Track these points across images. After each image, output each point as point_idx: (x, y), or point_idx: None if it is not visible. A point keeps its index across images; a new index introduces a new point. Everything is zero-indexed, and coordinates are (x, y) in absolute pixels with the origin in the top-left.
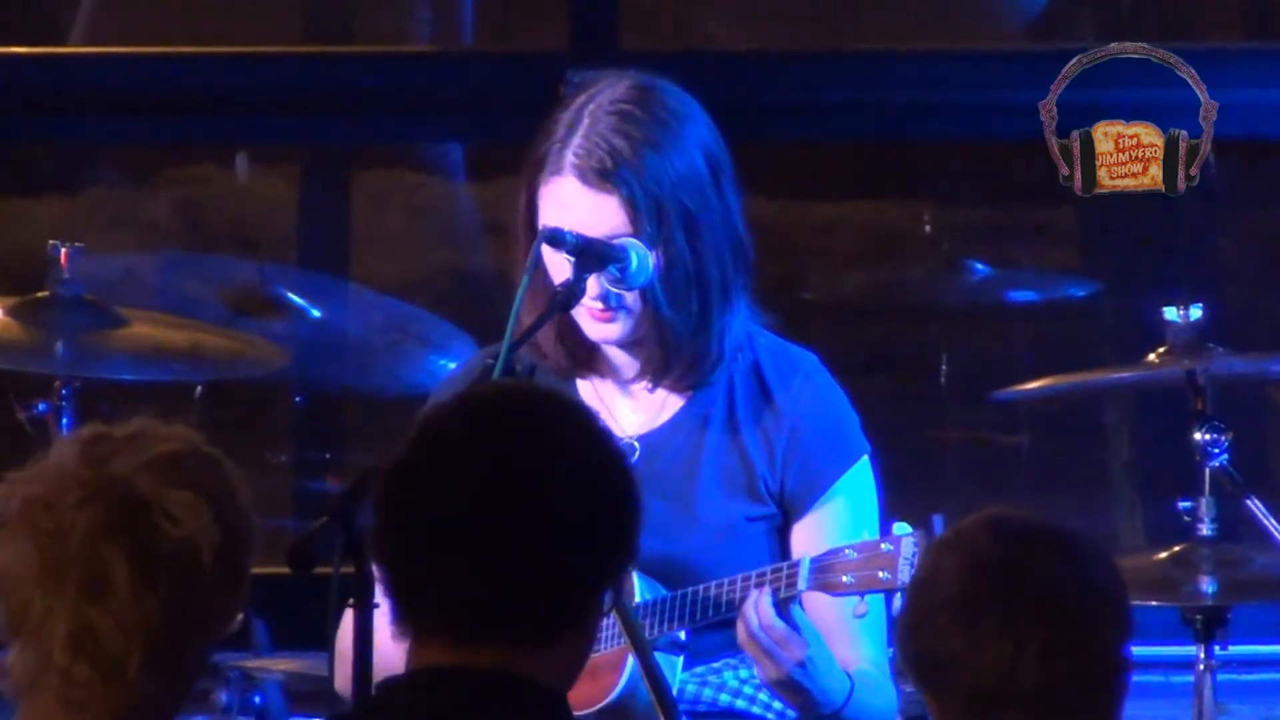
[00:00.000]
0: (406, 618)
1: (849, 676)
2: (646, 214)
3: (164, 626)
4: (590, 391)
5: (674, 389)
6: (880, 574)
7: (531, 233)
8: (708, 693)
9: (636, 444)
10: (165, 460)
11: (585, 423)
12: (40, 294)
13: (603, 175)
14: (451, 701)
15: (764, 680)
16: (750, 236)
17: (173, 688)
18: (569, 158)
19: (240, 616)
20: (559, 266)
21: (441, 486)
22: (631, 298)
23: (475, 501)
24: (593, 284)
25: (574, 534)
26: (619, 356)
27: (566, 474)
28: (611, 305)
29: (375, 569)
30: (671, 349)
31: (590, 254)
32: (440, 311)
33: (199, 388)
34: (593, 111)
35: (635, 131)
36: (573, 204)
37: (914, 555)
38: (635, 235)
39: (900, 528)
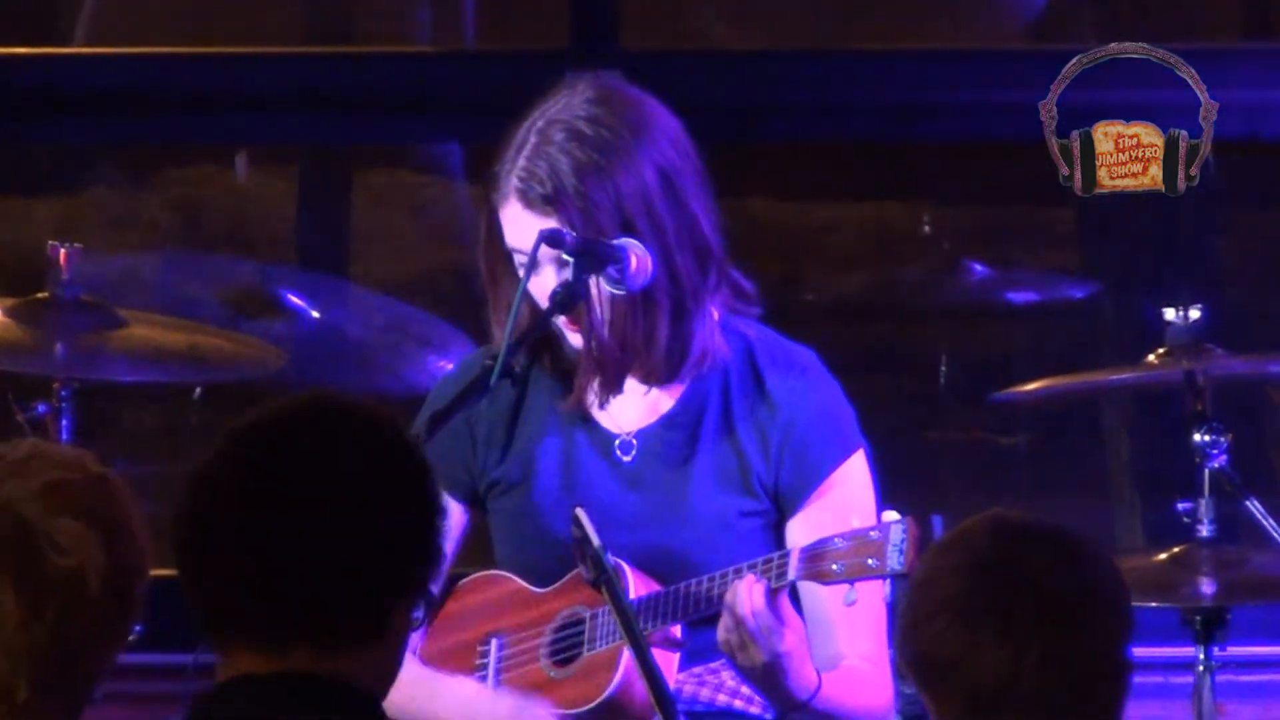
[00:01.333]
0: (210, 630)
1: (818, 674)
2: (588, 234)
3: (51, 654)
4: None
5: (666, 385)
6: (869, 561)
7: (493, 246)
8: (705, 693)
9: (634, 440)
10: (54, 487)
11: (380, 432)
12: (39, 295)
13: (545, 200)
14: (270, 706)
15: (739, 665)
16: (721, 238)
17: (63, 709)
18: (513, 182)
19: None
20: (542, 287)
21: (227, 497)
22: (598, 311)
23: (259, 512)
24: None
25: (364, 542)
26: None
27: (353, 484)
28: (575, 318)
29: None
30: (617, 365)
31: (590, 255)
32: (440, 312)
33: (198, 388)
34: (541, 130)
35: (579, 152)
36: (519, 227)
37: (902, 542)
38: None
39: (888, 515)
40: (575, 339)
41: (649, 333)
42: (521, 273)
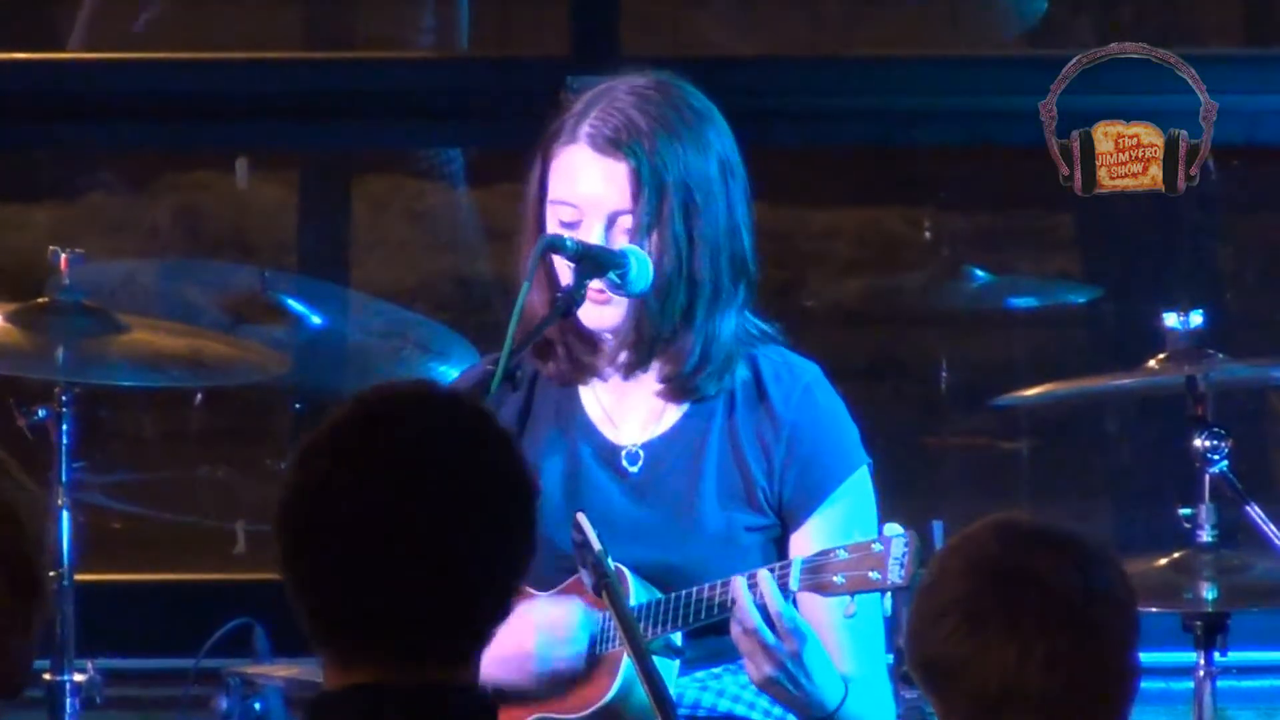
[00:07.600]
0: (325, 640)
1: (844, 681)
2: (650, 191)
3: None
4: (592, 398)
5: (671, 397)
6: (871, 574)
7: (540, 207)
8: (707, 698)
9: (641, 451)
10: None
11: (480, 429)
12: (40, 300)
13: (615, 144)
14: (399, 715)
15: (756, 676)
16: (756, 254)
17: None
18: (585, 127)
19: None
20: (564, 267)
21: (339, 505)
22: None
23: (374, 521)
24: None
25: (479, 541)
26: (607, 346)
27: (464, 485)
28: (608, 289)
29: (289, 591)
30: (651, 338)
31: (591, 260)
32: (440, 318)
33: (199, 394)
34: (611, 91)
35: (654, 111)
36: (581, 170)
37: (904, 555)
38: (634, 209)
39: (891, 528)
40: (593, 315)
41: (688, 309)
42: (559, 230)
